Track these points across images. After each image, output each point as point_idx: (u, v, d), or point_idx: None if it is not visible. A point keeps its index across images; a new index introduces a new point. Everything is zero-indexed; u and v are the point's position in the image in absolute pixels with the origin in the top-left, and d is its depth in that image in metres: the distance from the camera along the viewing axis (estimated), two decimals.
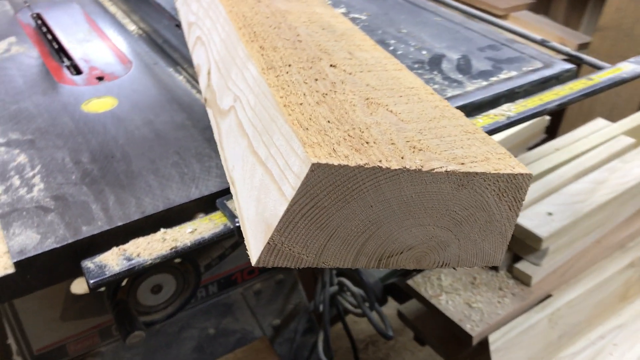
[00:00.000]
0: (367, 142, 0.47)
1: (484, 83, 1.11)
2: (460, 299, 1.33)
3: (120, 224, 0.80)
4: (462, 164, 0.47)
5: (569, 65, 1.19)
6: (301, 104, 0.51)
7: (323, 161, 0.42)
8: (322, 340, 1.51)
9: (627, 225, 1.54)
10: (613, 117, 2.38)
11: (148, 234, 0.80)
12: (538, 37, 1.40)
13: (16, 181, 0.86)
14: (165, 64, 1.23)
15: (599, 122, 1.90)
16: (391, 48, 1.24)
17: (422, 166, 0.45)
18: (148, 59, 1.24)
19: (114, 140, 0.96)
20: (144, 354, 1.35)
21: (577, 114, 2.62)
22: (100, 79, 1.17)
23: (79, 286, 1.12)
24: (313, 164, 0.41)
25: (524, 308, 1.34)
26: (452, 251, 0.50)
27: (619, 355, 1.29)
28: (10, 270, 0.74)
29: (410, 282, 1.41)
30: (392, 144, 0.47)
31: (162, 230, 0.81)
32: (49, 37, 1.34)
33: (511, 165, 0.48)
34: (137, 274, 0.79)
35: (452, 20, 1.39)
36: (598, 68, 1.25)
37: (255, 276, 1.42)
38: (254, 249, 0.46)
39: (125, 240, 0.80)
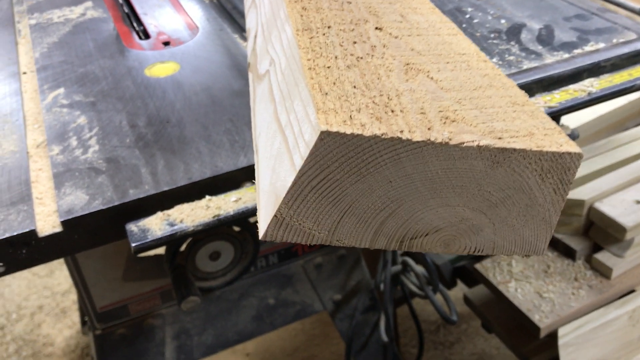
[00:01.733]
0: (392, 111, 0.42)
1: (566, 55, 1.01)
2: (530, 287, 1.25)
3: (166, 189, 0.79)
4: (500, 138, 0.41)
5: None
6: (329, 67, 0.47)
7: (334, 129, 0.38)
8: (384, 319, 1.47)
9: None
10: None
11: (194, 200, 0.80)
12: (637, 5, 1.26)
13: (73, 142, 0.88)
14: (231, 30, 1.21)
15: None
16: (467, 16, 1.16)
17: (450, 139, 0.40)
18: (215, 25, 1.23)
19: (171, 105, 0.96)
20: (204, 319, 1.37)
21: None
22: (166, 44, 1.17)
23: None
24: (322, 132, 0.37)
25: (602, 302, 1.24)
26: (486, 236, 0.45)
27: None
28: (58, 229, 0.75)
29: (478, 266, 1.34)
30: (422, 113, 0.42)
31: (207, 197, 0.79)
32: (122, 1, 1.35)
33: (559, 142, 0.41)
34: (180, 239, 0.78)
35: None
36: None
37: (317, 249, 1.40)
38: (263, 221, 0.43)
39: (171, 205, 0.79)
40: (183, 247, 1.02)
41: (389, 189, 0.41)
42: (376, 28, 0.59)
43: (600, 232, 1.29)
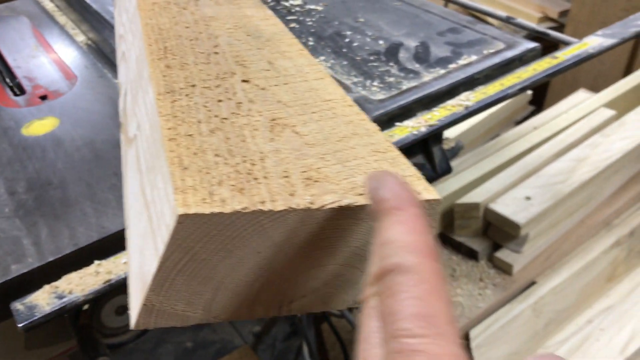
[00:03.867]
0: (255, 179, 0.42)
1: (442, 71, 1.06)
2: None
3: (51, 259, 0.76)
4: (361, 194, 0.41)
5: (532, 44, 1.12)
6: (191, 135, 0.46)
7: (192, 210, 0.37)
8: (306, 343, 1.47)
9: (611, 201, 1.49)
10: (598, 86, 2.32)
11: (82, 267, 0.76)
12: (503, 14, 1.34)
13: None
14: (112, 75, 1.17)
15: (580, 95, 1.84)
16: (347, 40, 1.19)
17: (312, 203, 0.40)
18: (94, 72, 1.19)
19: (52, 165, 0.92)
20: None
21: (561, 85, 2.56)
22: (43, 98, 1.12)
23: None
24: (180, 215, 0.36)
25: (507, 299, 1.29)
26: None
27: (607, 339, 1.24)
28: None
29: None
30: (285, 176, 0.42)
31: (97, 262, 0.76)
32: None
33: (417, 190, 0.43)
34: (72, 309, 0.75)
35: (411, 4, 1.33)
36: (566, 43, 1.20)
37: None
38: (133, 309, 0.41)
39: (58, 276, 0.75)
40: (86, 306, 0.97)
41: (259, 259, 0.41)
42: (243, 81, 0.59)
43: (497, 231, 1.35)
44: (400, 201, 0.36)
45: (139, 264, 0.42)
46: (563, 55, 1.10)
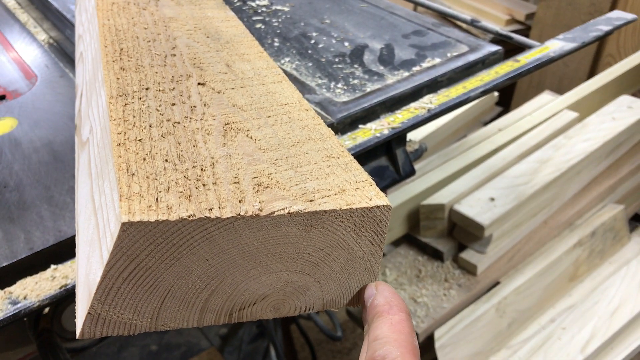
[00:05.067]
0: (204, 185, 0.41)
1: (406, 74, 1.06)
2: (405, 294, 1.30)
3: (5, 263, 0.74)
4: (311, 201, 0.41)
5: (495, 48, 1.14)
6: (140, 139, 0.46)
7: (137, 218, 0.36)
8: (272, 345, 1.46)
9: (573, 202, 1.52)
10: (563, 87, 2.36)
11: (39, 271, 0.75)
12: (467, 16, 1.35)
13: None
14: (74, 75, 1.15)
15: (545, 97, 1.86)
16: (312, 41, 1.18)
17: (260, 210, 0.40)
18: (55, 72, 1.17)
19: (8, 167, 0.89)
20: None
21: (527, 86, 2.59)
22: (1, 97, 1.10)
23: None
24: (124, 224, 0.36)
25: (471, 299, 1.31)
26: (314, 294, 0.45)
27: (568, 338, 1.26)
28: None
29: None
30: (235, 182, 0.42)
31: (53, 266, 0.75)
32: None
33: (368, 196, 0.43)
34: (27, 315, 0.73)
35: (377, 6, 1.34)
36: (528, 47, 1.21)
37: None
38: (79, 318, 0.41)
39: (13, 281, 0.74)
40: (47, 310, 0.95)
41: (207, 267, 0.40)
42: (199, 84, 0.59)
43: (462, 232, 1.36)
44: (391, 307, 0.44)
45: (85, 272, 0.41)
46: (525, 59, 1.12)
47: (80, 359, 1.29)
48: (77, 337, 0.40)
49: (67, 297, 0.72)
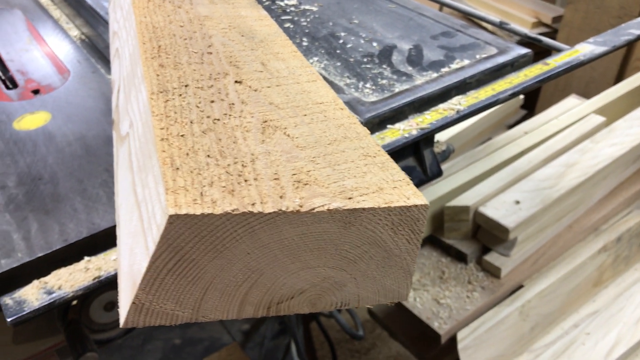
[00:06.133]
0: (245, 180, 0.42)
1: (434, 75, 1.06)
2: (428, 295, 1.30)
3: (41, 254, 0.76)
4: (350, 198, 0.42)
5: (524, 50, 1.13)
6: (183, 135, 0.47)
7: (183, 211, 0.37)
8: (294, 343, 1.47)
9: (599, 207, 1.51)
10: (589, 92, 2.34)
11: (72, 263, 0.76)
12: (496, 19, 1.35)
13: None
14: (105, 71, 1.17)
15: (571, 101, 1.85)
16: (341, 41, 1.19)
17: (301, 206, 0.40)
18: (87, 67, 1.19)
19: (43, 159, 0.91)
20: None
21: (553, 90, 2.57)
22: (36, 92, 1.12)
23: None
24: (171, 216, 0.37)
25: (494, 301, 1.30)
26: (350, 291, 0.46)
27: (592, 344, 1.26)
28: None
29: None
30: (276, 179, 0.43)
31: (86, 258, 0.76)
32: None
33: (406, 195, 0.43)
34: (61, 305, 0.75)
35: (405, 7, 1.34)
36: (557, 50, 1.21)
37: None
38: (123, 307, 0.42)
39: (48, 271, 0.75)
40: (74, 301, 0.97)
41: (248, 260, 0.41)
42: (236, 82, 0.60)
43: (486, 235, 1.36)
44: None
45: (129, 263, 0.42)
46: (554, 62, 1.11)
47: (106, 350, 1.32)
48: (120, 326, 0.41)
49: (99, 288, 0.74)
